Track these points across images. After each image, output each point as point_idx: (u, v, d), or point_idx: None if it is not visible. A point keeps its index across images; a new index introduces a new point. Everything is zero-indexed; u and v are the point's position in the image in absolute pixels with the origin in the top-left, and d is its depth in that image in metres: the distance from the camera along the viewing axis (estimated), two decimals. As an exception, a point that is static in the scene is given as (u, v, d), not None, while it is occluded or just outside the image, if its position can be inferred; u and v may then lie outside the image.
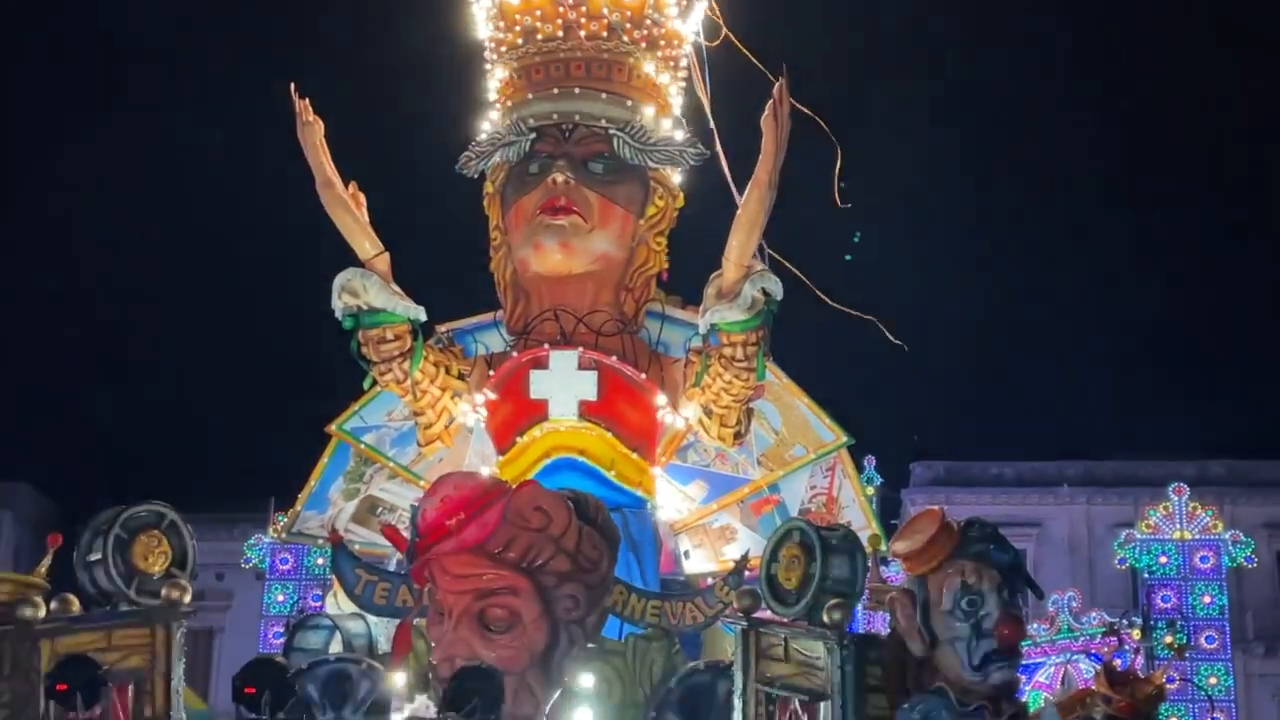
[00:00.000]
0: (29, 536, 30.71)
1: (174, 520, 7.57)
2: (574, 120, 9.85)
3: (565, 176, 9.58)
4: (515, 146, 9.82)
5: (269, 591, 22.58)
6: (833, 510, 10.08)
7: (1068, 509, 33.28)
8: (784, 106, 9.03)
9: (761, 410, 10.07)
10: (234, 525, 29.19)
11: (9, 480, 33.09)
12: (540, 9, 10.01)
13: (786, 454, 10.20)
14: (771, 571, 7.34)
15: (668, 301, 10.10)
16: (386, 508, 10.27)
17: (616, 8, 10.01)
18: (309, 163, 9.46)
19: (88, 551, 7.38)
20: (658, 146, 9.88)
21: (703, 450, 10.18)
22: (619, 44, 10.02)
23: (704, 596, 8.62)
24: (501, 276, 10.01)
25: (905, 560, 7.15)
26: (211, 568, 29.56)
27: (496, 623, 7.38)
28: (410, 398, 9.72)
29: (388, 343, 9.40)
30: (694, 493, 10.25)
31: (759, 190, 9.10)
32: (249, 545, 23.43)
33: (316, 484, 10.39)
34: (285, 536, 11.44)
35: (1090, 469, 33.69)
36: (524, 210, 9.73)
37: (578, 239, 9.61)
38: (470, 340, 10.15)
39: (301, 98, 9.47)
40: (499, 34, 10.14)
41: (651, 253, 9.98)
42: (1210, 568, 21.69)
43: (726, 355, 9.20)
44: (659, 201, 9.98)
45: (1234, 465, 32.86)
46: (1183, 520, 21.88)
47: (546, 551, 7.44)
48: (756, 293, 9.02)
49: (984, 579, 6.98)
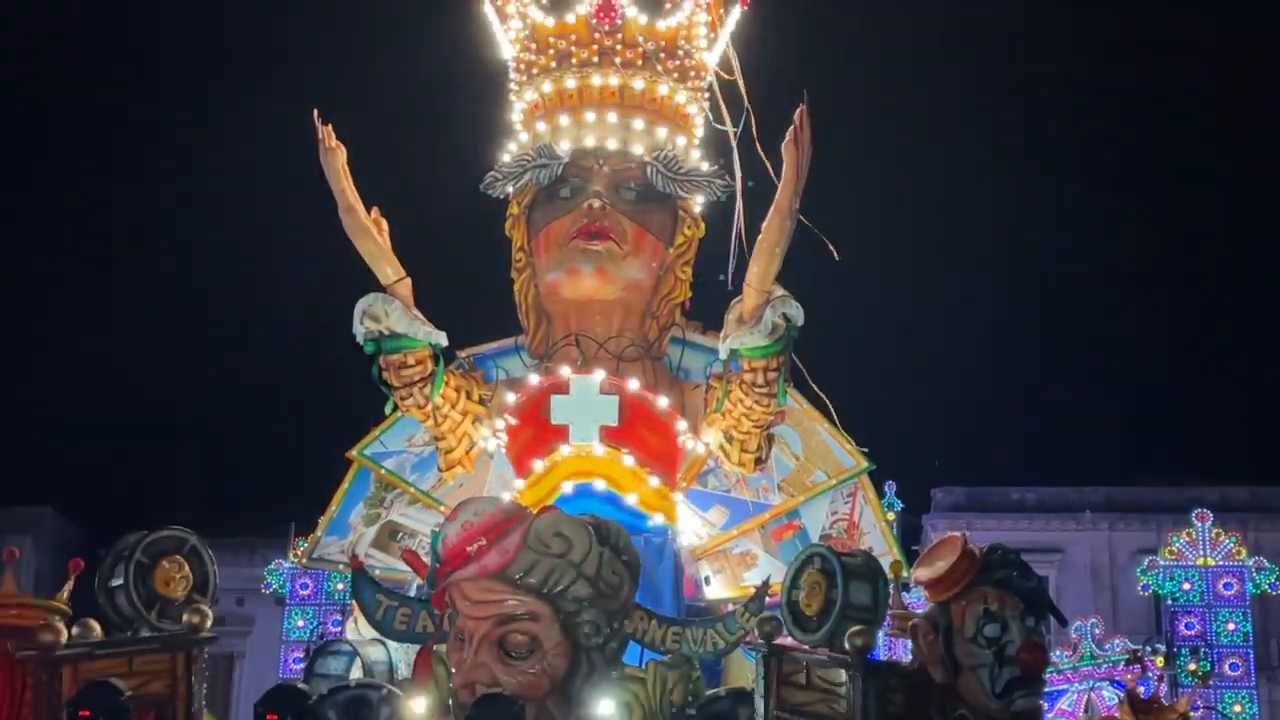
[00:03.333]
0: (51, 561, 30.73)
1: (196, 545, 7.57)
2: (609, 147, 9.89)
3: (602, 202, 9.62)
4: (547, 169, 9.83)
5: (289, 617, 22.58)
6: (854, 536, 10.04)
7: (1090, 535, 33.12)
8: (805, 133, 9.03)
9: (782, 436, 10.05)
10: (254, 550, 29.22)
11: (32, 505, 33.20)
12: (575, 34, 10.05)
13: (807, 479, 10.18)
14: (792, 598, 7.31)
15: (689, 327, 10.12)
16: (407, 533, 10.27)
17: (651, 37, 10.05)
18: (331, 188, 9.49)
19: (109, 576, 7.39)
20: (688, 176, 9.92)
21: (723, 476, 10.16)
22: (652, 73, 10.06)
23: (725, 623, 8.57)
24: (524, 298, 10.02)
25: (927, 586, 7.12)
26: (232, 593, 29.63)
27: (517, 649, 7.35)
28: (431, 423, 9.72)
29: (409, 368, 9.41)
30: (714, 518, 10.24)
31: (780, 217, 9.10)
32: (269, 570, 23.46)
33: (337, 509, 10.40)
34: (306, 562, 11.44)
35: (1112, 494, 33.53)
36: (555, 234, 9.74)
37: (612, 265, 9.64)
38: (491, 365, 10.17)
39: (325, 124, 9.50)
40: (530, 56, 10.16)
41: (678, 281, 10.01)
42: (1234, 594, 21.55)
43: (747, 381, 9.20)
44: (687, 231, 10.03)
45: (1257, 491, 32.68)
46: (1206, 546, 21.75)
47: (567, 577, 7.42)
48: (777, 318, 9.01)
49: (1006, 605, 6.94)
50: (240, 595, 29.97)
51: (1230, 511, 29.01)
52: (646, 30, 10.07)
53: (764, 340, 9.04)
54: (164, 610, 7.33)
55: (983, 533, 27.37)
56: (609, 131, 9.96)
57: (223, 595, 8.08)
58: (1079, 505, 33.34)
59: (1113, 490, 33.59)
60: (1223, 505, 28.15)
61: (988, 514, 32.81)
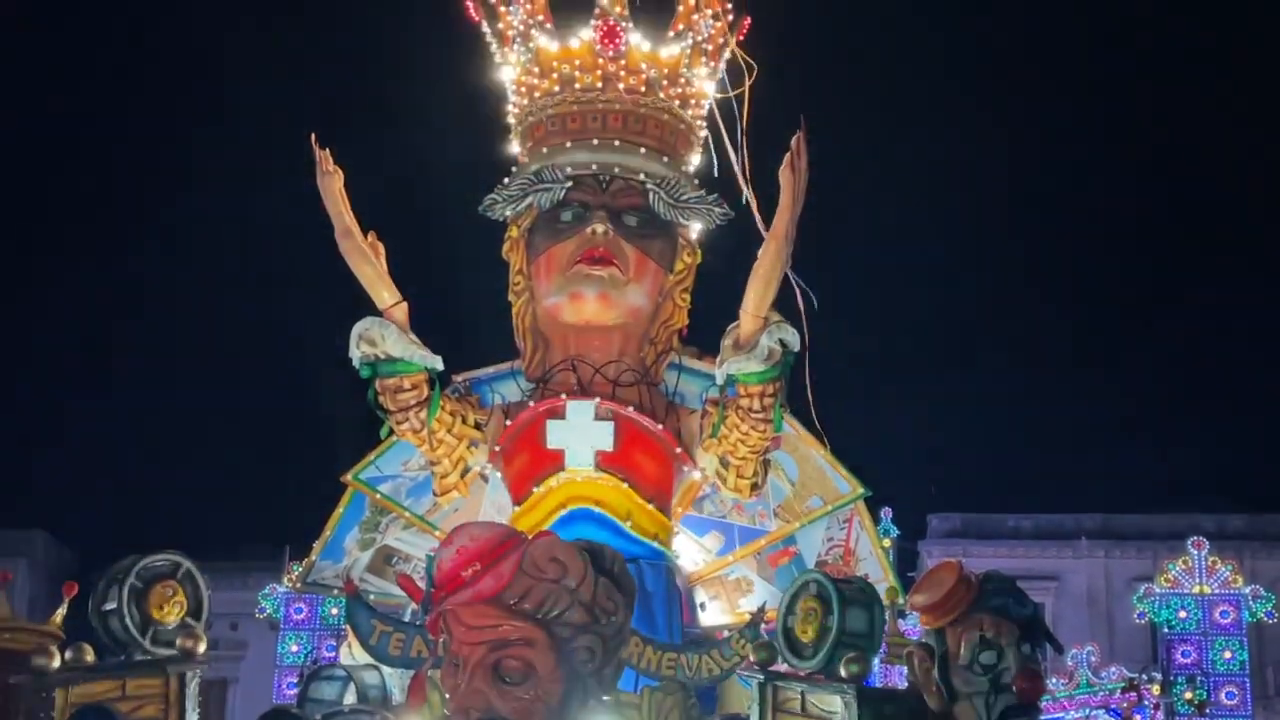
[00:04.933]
0: (44, 585, 30.70)
1: (190, 569, 7.55)
2: (613, 172, 9.90)
3: (606, 227, 9.63)
4: (549, 193, 9.83)
5: (283, 642, 22.49)
6: (849, 562, 10.03)
7: (1086, 562, 33.12)
8: (801, 159, 9.04)
9: (778, 461, 10.04)
10: (248, 575, 29.18)
11: (25, 529, 33.15)
12: (580, 59, 10.07)
13: (803, 505, 10.16)
14: (788, 624, 7.29)
15: (685, 352, 10.11)
16: (402, 558, 10.24)
17: (654, 64, 10.08)
18: (328, 212, 9.49)
19: (103, 600, 7.36)
20: (690, 204, 9.94)
21: (719, 501, 10.15)
22: (655, 99, 10.09)
23: (720, 649, 8.57)
24: (521, 322, 10.02)
25: (923, 613, 7.10)
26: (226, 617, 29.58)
27: (512, 674, 7.32)
28: (426, 447, 9.71)
29: (405, 392, 9.40)
30: (710, 544, 10.22)
31: (776, 242, 9.11)
32: (263, 595, 23.38)
33: (332, 534, 10.37)
34: (300, 586, 11.40)
35: (1108, 522, 33.54)
36: (557, 258, 9.74)
37: (615, 290, 9.65)
38: (487, 390, 10.15)
39: (321, 148, 9.51)
40: (532, 80, 10.17)
41: (676, 308, 10.02)
42: (1230, 623, 21.50)
43: (743, 406, 9.19)
44: (686, 258, 10.04)
45: (1253, 518, 32.69)
46: (1202, 574, 21.70)
47: (562, 602, 7.39)
48: (774, 344, 9.01)
49: (1003, 633, 6.92)
50: (234, 620, 29.92)
51: (1227, 539, 29.03)
52: (650, 57, 10.10)
53: (760, 366, 9.03)
54: (157, 635, 7.30)
55: (979, 559, 27.34)
56: (612, 157, 9.96)
57: (216, 620, 8.07)
58: (1075, 532, 33.34)
59: (1109, 517, 33.60)
60: (1219, 533, 28.17)
61: (984, 541, 32.82)
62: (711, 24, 10.30)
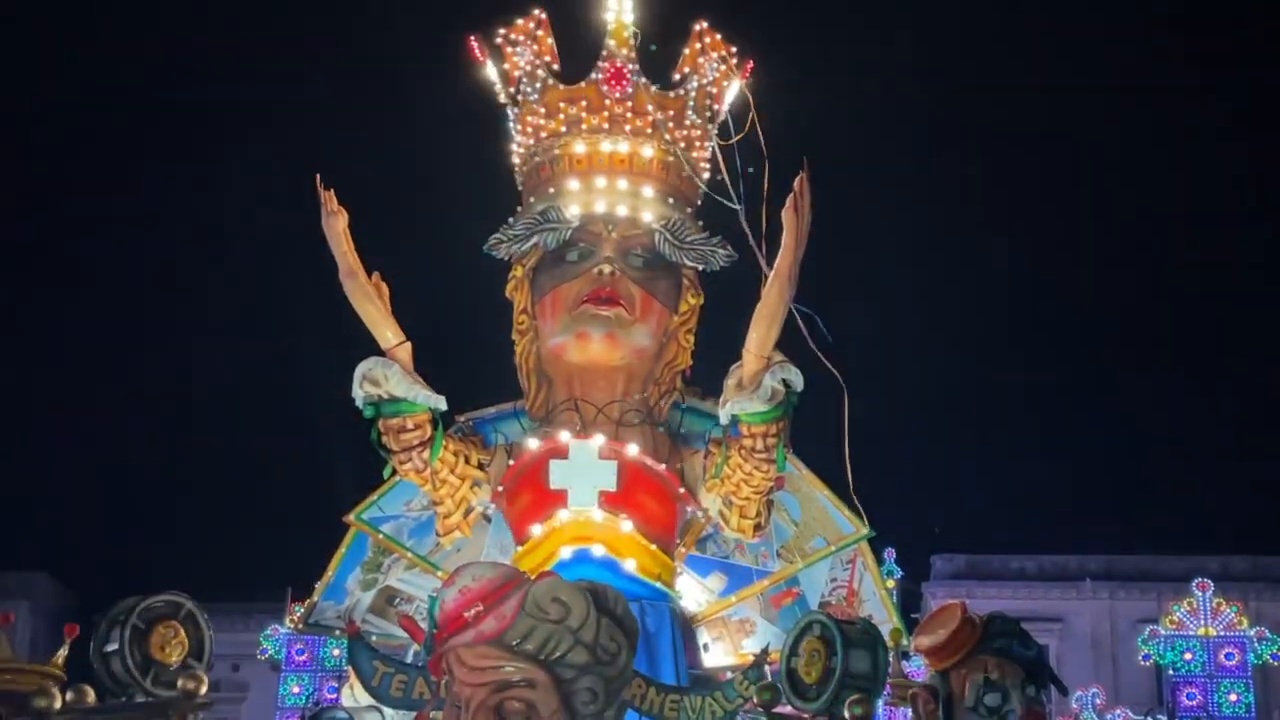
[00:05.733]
0: (46, 626, 30.63)
1: (191, 611, 7.53)
2: (619, 213, 9.93)
3: (613, 268, 9.66)
4: (556, 233, 9.86)
5: (285, 683, 22.45)
6: (853, 603, 9.99)
7: (1090, 604, 33.01)
8: (805, 199, 9.07)
9: (781, 502, 10.02)
10: (250, 616, 29.15)
11: (27, 570, 33.12)
12: (586, 99, 10.12)
13: (806, 546, 10.14)
14: (791, 665, 7.26)
15: (688, 392, 10.11)
16: (404, 598, 10.21)
17: (661, 106, 10.14)
18: (333, 252, 9.51)
19: (104, 642, 7.34)
20: (694, 245, 9.97)
21: (722, 542, 10.12)
22: (661, 141, 10.14)
23: (723, 690, 8.51)
24: (525, 361, 10.03)
25: (927, 655, 7.07)
26: (227, 659, 29.50)
27: (514, 715, 7.27)
28: (429, 487, 9.70)
29: (408, 432, 9.39)
30: (713, 584, 10.18)
31: (780, 282, 9.12)
32: (265, 636, 23.36)
33: (334, 574, 10.34)
34: (302, 627, 11.35)
35: (1112, 563, 33.46)
36: (563, 298, 9.76)
37: (622, 331, 9.67)
38: (490, 430, 10.15)
39: (326, 189, 9.54)
40: (538, 120, 10.22)
41: (680, 349, 10.03)
42: (1236, 665, 21.43)
43: (747, 446, 9.19)
44: (691, 299, 10.06)
45: (1258, 560, 32.62)
46: (1207, 616, 21.65)
47: (565, 643, 7.35)
48: (777, 384, 9.01)
49: (1007, 674, 6.89)
50: (236, 661, 29.85)
51: (1231, 581, 28.93)
52: (656, 99, 10.16)
53: (764, 406, 9.03)
54: (159, 676, 7.28)
55: (983, 601, 27.23)
56: (619, 198, 10.00)
57: (218, 661, 8.04)
58: (1079, 574, 33.26)
59: (1113, 559, 33.52)
60: (1224, 575, 28.11)
61: (988, 582, 32.74)
62: (717, 67, 10.35)
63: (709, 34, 10.38)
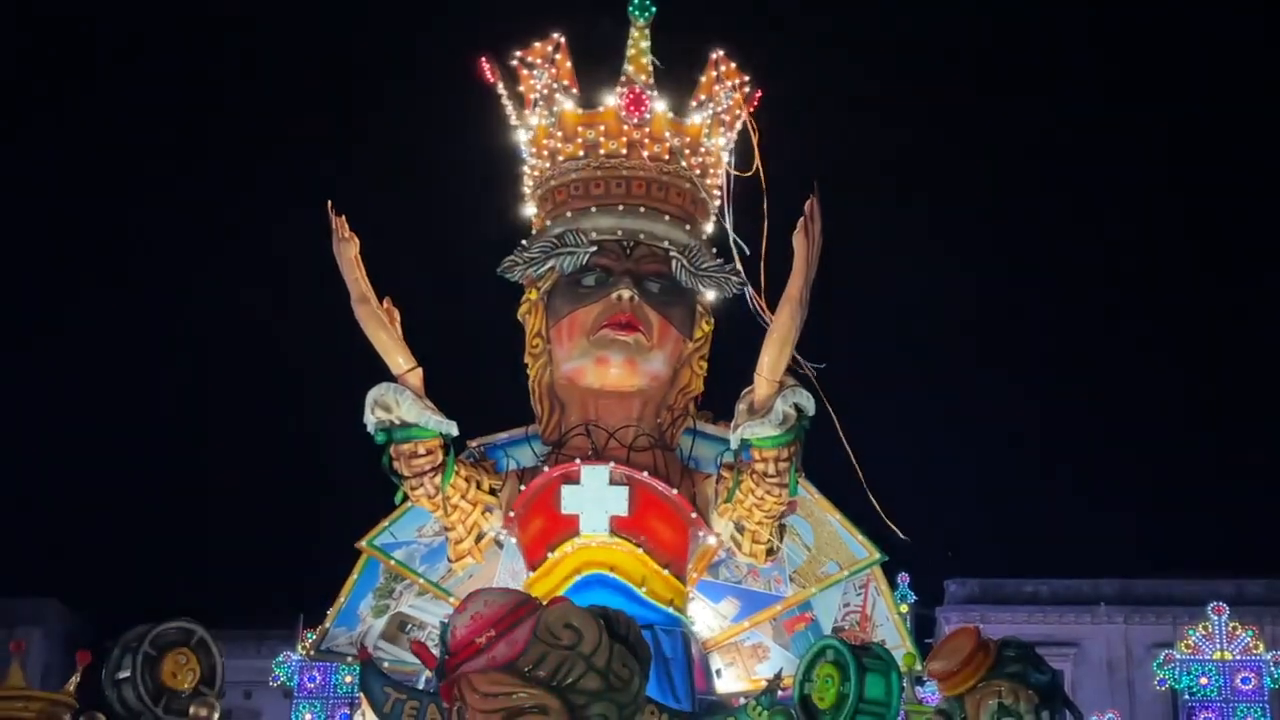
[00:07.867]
0: (58, 653, 30.58)
1: (203, 638, 7.54)
2: (638, 238, 9.93)
3: (632, 293, 9.66)
4: (573, 257, 9.85)
5: (297, 710, 22.34)
6: (866, 628, 9.96)
7: (1105, 628, 32.82)
8: (815, 223, 9.08)
9: (794, 526, 10.00)
10: (262, 643, 29.07)
11: (39, 596, 33.08)
12: (604, 124, 10.14)
13: (819, 570, 10.11)
14: (805, 690, 7.24)
15: (700, 417, 10.10)
16: (416, 624, 10.20)
17: (677, 133, 10.17)
18: (345, 278, 9.52)
19: (117, 669, 7.35)
20: (709, 272, 9.98)
21: (734, 567, 10.10)
22: (678, 168, 10.16)
23: (736, 716, 8.50)
24: (538, 385, 10.01)
25: (941, 680, 7.05)
26: (239, 685, 29.44)
27: (526, 742, 7.27)
28: (441, 513, 9.69)
29: (419, 457, 9.39)
30: (726, 610, 10.16)
31: (790, 306, 9.13)
32: (277, 663, 23.28)
33: (346, 600, 10.32)
34: (314, 654, 11.35)
35: (1127, 587, 33.26)
36: (580, 322, 9.75)
37: (640, 356, 9.68)
38: (502, 455, 10.13)
39: (338, 214, 9.56)
40: (555, 144, 10.22)
41: (694, 375, 10.03)
42: (1252, 689, 21.27)
43: (759, 471, 9.17)
44: (704, 325, 10.07)
45: (1273, 584, 32.40)
46: (1223, 640, 21.50)
47: (577, 669, 7.34)
48: (788, 408, 9.00)
49: (1021, 699, 6.87)
50: (248, 688, 29.78)
51: (1247, 605, 28.76)
52: (674, 126, 10.19)
53: (775, 430, 9.02)
54: (171, 703, 7.29)
55: (997, 625, 27.14)
56: (636, 224, 10.00)
57: (230, 688, 8.03)
58: (1094, 598, 33.06)
59: (1128, 583, 33.32)
60: (1239, 598, 27.92)
61: (1002, 607, 32.54)
62: (730, 95, 10.38)
63: (724, 62, 10.42)
